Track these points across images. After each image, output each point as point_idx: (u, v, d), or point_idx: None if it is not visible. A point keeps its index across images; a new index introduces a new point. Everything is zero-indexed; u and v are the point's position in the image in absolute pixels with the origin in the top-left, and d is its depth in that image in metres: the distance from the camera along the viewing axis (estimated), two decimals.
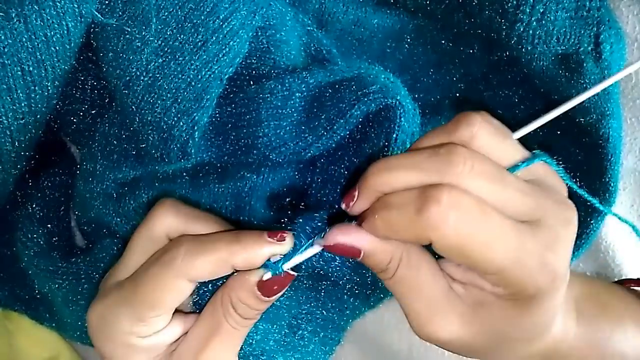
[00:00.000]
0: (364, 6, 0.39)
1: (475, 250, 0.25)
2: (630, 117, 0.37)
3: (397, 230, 0.26)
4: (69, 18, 0.31)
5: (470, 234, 0.25)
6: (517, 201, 0.27)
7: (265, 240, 0.30)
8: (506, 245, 0.25)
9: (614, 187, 0.35)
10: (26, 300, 0.42)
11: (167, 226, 0.32)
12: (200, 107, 0.32)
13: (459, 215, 0.25)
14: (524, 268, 0.26)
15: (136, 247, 0.33)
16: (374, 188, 0.28)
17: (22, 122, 0.32)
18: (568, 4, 0.34)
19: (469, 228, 0.25)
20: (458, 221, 0.25)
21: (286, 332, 0.37)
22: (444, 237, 0.25)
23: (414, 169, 0.27)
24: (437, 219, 0.25)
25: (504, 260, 0.25)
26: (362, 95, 0.31)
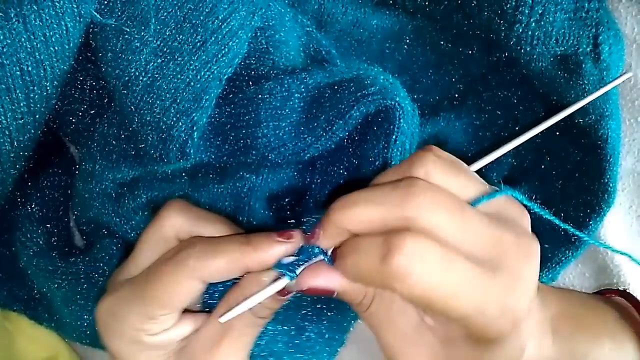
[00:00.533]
0: (363, 7, 0.39)
1: (439, 301, 0.25)
2: (629, 118, 0.37)
3: (364, 276, 0.27)
4: (68, 18, 0.31)
5: (434, 285, 0.25)
6: (477, 237, 0.27)
7: (275, 241, 0.30)
8: (469, 294, 0.26)
9: (613, 188, 0.35)
10: (25, 300, 0.42)
11: (176, 227, 0.32)
12: (199, 107, 0.32)
13: (423, 267, 0.25)
14: (485, 316, 0.26)
15: (146, 246, 0.33)
16: (336, 224, 0.28)
17: (21, 122, 0.32)
18: (567, 5, 0.34)
19: (433, 279, 0.25)
20: (422, 273, 0.25)
21: (294, 333, 0.37)
22: (408, 288, 0.25)
23: (374, 204, 0.27)
24: (402, 270, 0.25)
25: (466, 309, 0.26)
26: (362, 96, 0.31)
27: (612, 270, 0.39)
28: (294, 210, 0.38)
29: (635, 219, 0.39)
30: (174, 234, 0.33)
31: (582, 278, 0.40)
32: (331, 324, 0.38)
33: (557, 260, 0.37)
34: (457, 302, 0.26)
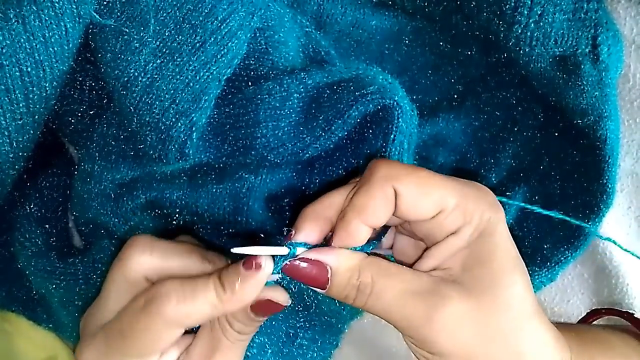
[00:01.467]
0: (362, 8, 0.39)
1: (434, 185, 0.28)
2: (627, 119, 0.37)
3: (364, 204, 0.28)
4: (67, 19, 0.31)
5: (423, 176, 0.28)
6: None
7: (245, 276, 0.28)
8: (451, 182, 0.28)
9: (612, 189, 0.35)
10: (24, 301, 0.42)
11: (143, 267, 0.30)
12: (198, 107, 0.32)
13: (403, 163, 0.29)
14: (473, 197, 0.28)
15: (113, 289, 0.31)
16: (307, 216, 0.29)
17: (21, 122, 0.32)
18: (566, 6, 0.34)
19: (418, 171, 0.28)
20: (404, 166, 0.29)
21: (284, 341, 0.37)
22: (403, 178, 0.28)
23: (336, 191, 0.30)
24: (390, 166, 0.28)
25: (456, 193, 0.28)
26: (360, 96, 0.32)
27: (610, 270, 0.39)
28: (292, 210, 0.38)
29: (634, 220, 0.39)
30: (142, 275, 0.31)
31: (581, 279, 0.40)
32: (324, 329, 0.38)
33: (556, 261, 0.37)
34: (447, 183, 0.28)
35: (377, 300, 0.28)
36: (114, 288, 0.31)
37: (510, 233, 0.29)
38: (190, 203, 0.37)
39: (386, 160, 0.29)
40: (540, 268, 0.36)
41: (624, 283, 0.39)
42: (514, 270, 0.28)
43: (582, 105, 0.34)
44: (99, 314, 0.31)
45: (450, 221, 0.28)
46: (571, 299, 0.41)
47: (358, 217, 0.28)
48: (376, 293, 0.28)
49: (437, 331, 0.27)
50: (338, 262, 0.28)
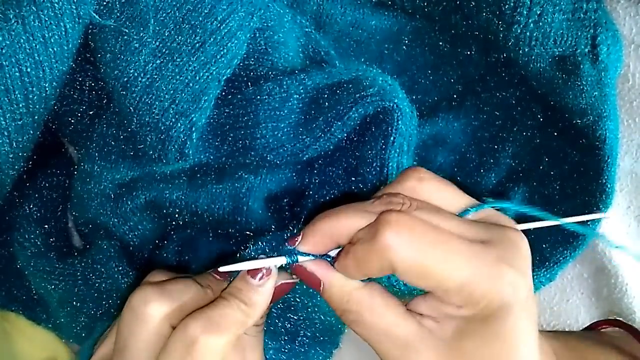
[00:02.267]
0: (361, 8, 0.39)
1: (434, 268, 0.26)
2: (626, 118, 0.37)
3: (363, 261, 0.27)
4: (66, 19, 0.31)
5: (427, 251, 0.26)
6: (460, 226, 0.27)
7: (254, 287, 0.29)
8: (462, 258, 0.26)
9: (611, 189, 0.35)
10: (23, 301, 0.42)
11: (165, 315, 0.29)
12: (198, 108, 0.32)
13: (412, 233, 0.26)
14: (483, 280, 0.26)
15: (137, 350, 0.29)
16: (317, 230, 0.29)
17: (20, 122, 0.32)
18: (565, 6, 0.34)
19: (424, 244, 0.26)
20: (412, 239, 0.26)
21: (285, 339, 0.37)
22: (401, 257, 0.26)
23: (356, 213, 0.28)
24: (391, 239, 0.26)
25: (463, 274, 0.26)
26: (360, 97, 0.32)
27: (610, 270, 0.39)
28: (292, 211, 0.38)
29: (634, 219, 0.39)
30: (168, 324, 0.29)
31: (580, 279, 0.40)
32: (325, 327, 0.38)
33: (555, 261, 0.37)
34: (452, 267, 0.26)
35: (358, 328, 0.29)
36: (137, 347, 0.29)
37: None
38: (190, 203, 0.37)
39: (400, 216, 0.26)
40: (539, 268, 0.36)
41: (623, 283, 0.39)
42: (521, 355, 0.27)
43: (582, 105, 0.34)
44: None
45: (452, 300, 0.27)
46: (570, 299, 0.41)
47: (356, 268, 0.28)
48: (359, 321, 0.29)
49: None
50: (331, 284, 0.29)
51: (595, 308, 0.40)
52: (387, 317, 0.28)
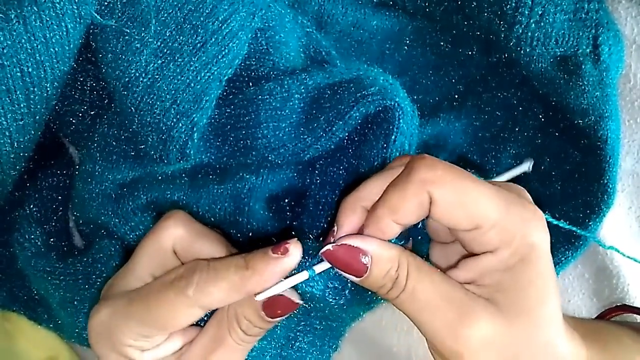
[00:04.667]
0: (363, 8, 0.39)
1: (472, 199, 0.26)
2: (628, 119, 0.37)
3: (398, 204, 0.27)
4: (68, 19, 0.31)
5: (465, 187, 0.26)
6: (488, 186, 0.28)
7: (271, 258, 0.28)
8: (496, 193, 0.27)
9: (613, 189, 0.35)
10: (24, 301, 0.42)
11: (176, 238, 0.32)
12: (199, 108, 0.32)
13: (447, 167, 0.27)
14: (516, 215, 0.27)
15: (144, 254, 0.32)
16: (349, 208, 0.29)
17: (21, 123, 0.32)
18: (566, 6, 0.34)
19: (463, 181, 0.27)
20: (448, 171, 0.27)
21: (283, 345, 0.37)
22: (441, 188, 0.26)
23: (381, 176, 0.29)
24: (428, 172, 0.26)
25: (499, 207, 0.27)
26: (361, 97, 0.32)
27: (611, 271, 0.39)
28: (293, 211, 0.38)
29: (635, 220, 0.39)
30: (172, 246, 0.32)
31: (581, 279, 0.40)
32: (324, 332, 0.38)
33: (556, 261, 0.37)
34: (488, 202, 0.26)
35: (409, 297, 0.28)
36: (144, 254, 0.32)
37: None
38: (191, 203, 0.37)
39: (429, 159, 0.27)
40: None
41: (624, 283, 0.39)
42: (550, 297, 0.28)
43: (583, 106, 0.34)
44: (125, 280, 0.32)
45: (488, 239, 0.27)
46: (572, 299, 0.41)
47: (389, 215, 0.27)
48: (410, 290, 0.28)
49: (462, 347, 0.27)
50: (380, 251, 0.28)
51: (596, 309, 0.40)
52: (437, 280, 0.28)
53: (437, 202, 0.26)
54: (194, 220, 0.33)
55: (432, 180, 0.26)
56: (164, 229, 0.32)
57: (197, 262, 0.30)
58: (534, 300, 0.27)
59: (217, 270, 0.29)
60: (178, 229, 0.32)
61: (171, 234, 0.32)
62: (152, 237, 0.32)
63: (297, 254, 0.28)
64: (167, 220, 0.32)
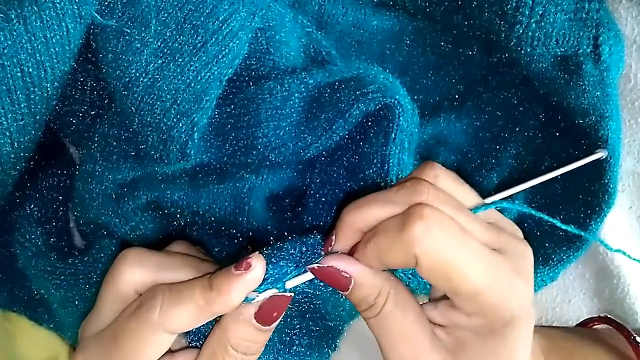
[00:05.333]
0: (363, 8, 0.39)
1: (455, 269, 0.26)
2: (628, 119, 0.37)
3: (386, 252, 0.27)
4: (68, 19, 0.31)
5: (452, 251, 0.26)
6: (481, 230, 0.28)
7: (234, 276, 0.28)
8: (483, 265, 0.26)
9: (613, 189, 0.35)
10: (25, 301, 0.42)
11: (134, 282, 0.30)
12: (199, 108, 0.32)
13: (441, 230, 0.26)
14: (498, 290, 0.26)
15: (105, 302, 0.31)
16: (349, 225, 0.29)
17: (22, 123, 0.32)
18: (567, 6, 0.34)
19: (451, 244, 0.26)
20: (440, 236, 0.26)
21: (279, 349, 0.36)
22: (427, 252, 0.26)
23: (384, 203, 0.28)
24: (421, 233, 0.26)
25: (481, 280, 0.26)
26: (361, 94, 0.32)
27: (612, 271, 0.39)
28: (294, 210, 0.38)
29: (635, 220, 0.39)
30: (133, 290, 0.30)
31: (582, 279, 0.40)
32: (321, 333, 0.38)
33: (557, 260, 0.37)
34: (472, 272, 0.26)
35: (378, 323, 0.29)
36: (107, 300, 0.31)
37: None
38: (192, 203, 0.37)
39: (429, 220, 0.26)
40: (541, 267, 0.36)
41: (625, 283, 0.39)
42: None
43: (584, 105, 0.34)
44: (94, 323, 0.31)
45: (464, 305, 0.27)
46: (572, 299, 0.41)
47: (376, 258, 0.28)
48: (381, 318, 0.29)
49: None
50: (363, 278, 0.29)
51: (597, 309, 0.40)
52: (409, 316, 0.28)
53: (420, 264, 0.26)
54: (148, 253, 0.31)
55: (422, 242, 0.26)
56: (118, 274, 0.30)
57: (156, 287, 0.29)
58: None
59: (181, 292, 0.28)
60: (134, 273, 0.30)
61: (127, 279, 0.30)
62: (109, 285, 0.31)
63: (260, 267, 0.28)
64: (119, 265, 0.30)
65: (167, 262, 0.31)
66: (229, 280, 0.28)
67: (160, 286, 0.29)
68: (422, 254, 0.26)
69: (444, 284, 0.27)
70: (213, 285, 0.28)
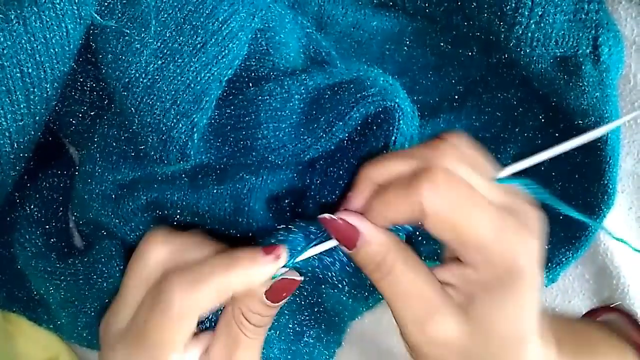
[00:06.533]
0: (363, 8, 0.39)
1: (461, 223, 0.27)
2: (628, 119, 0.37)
3: (394, 205, 0.28)
4: (68, 20, 0.31)
5: (458, 206, 0.27)
6: (492, 191, 0.29)
7: (261, 259, 0.30)
8: (489, 220, 0.27)
9: (613, 190, 0.35)
10: (24, 301, 0.42)
11: (161, 261, 0.31)
12: (199, 108, 0.32)
13: (449, 187, 0.27)
14: (506, 244, 0.27)
15: (131, 288, 0.31)
16: (368, 178, 0.30)
17: (21, 123, 0.32)
18: (566, 7, 0.34)
19: (458, 199, 0.27)
20: (448, 191, 0.27)
21: (292, 339, 0.37)
22: (434, 206, 0.27)
23: (404, 158, 0.29)
24: (428, 189, 0.27)
25: (487, 232, 0.27)
26: (361, 97, 0.32)
27: (611, 271, 0.39)
28: (293, 211, 0.38)
29: (635, 221, 0.39)
30: (162, 268, 0.31)
31: (582, 279, 0.40)
32: (328, 327, 0.38)
33: (557, 262, 0.37)
34: (479, 226, 0.27)
35: (389, 283, 0.29)
36: (132, 285, 0.31)
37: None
38: (191, 204, 0.37)
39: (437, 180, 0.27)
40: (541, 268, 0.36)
41: (625, 284, 0.39)
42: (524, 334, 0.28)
43: (583, 106, 0.34)
44: (119, 316, 0.32)
45: (471, 258, 0.28)
46: (572, 300, 0.41)
47: (384, 211, 0.29)
48: (391, 278, 0.29)
49: (424, 342, 0.28)
50: (372, 235, 0.29)
51: None
52: (420, 274, 0.29)
53: (427, 217, 0.27)
54: (173, 233, 0.32)
55: (429, 198, 0.27)
56: (146, 254, 0.31)
57: (169, 275, 0.30)
58: (503, 328, 0.28)
59: (201, 274, 0.29)
60: (160, 250, 0.31)
61: (155, 259, 0.31)
62: (137, 266, 0.31)
63: (284, 259, 0.30)
64: (145, 246, 0.31)
65: (191, 241, 0.32)
66: (254, 260, 0.29)
67: (177, 272, 0.30)
68: (428, 204, 0.27)
69: (451, 235, 0.27)
70: (236, 263, 0.29)
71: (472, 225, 0.27)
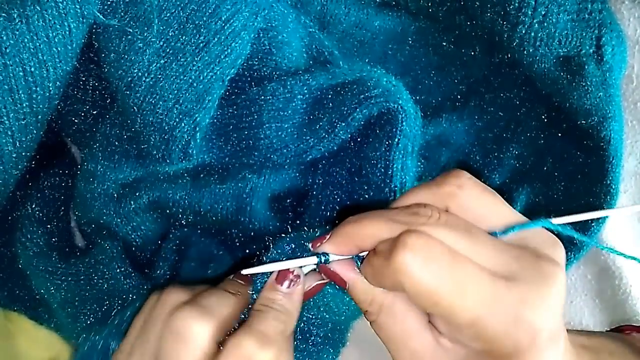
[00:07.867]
0: (365, 8, 0.39)
1: (445, 298, 0.24)
2: (631, 119, 0.37)
3: (378, 276, 0.27)
4: (71, 19, 0.31)
5: (440, 279, 0.24)
6: (489, 255, 0.26)
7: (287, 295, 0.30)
8: (478, 294, 0.24)
9: (615, 190, 0.35)
10: (26, 301, 0.42)
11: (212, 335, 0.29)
12: (202, 108, 0.32)
13: (427, 259, 0.24)
14: (498, 321, 0.24)
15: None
16: (345, 234, 0.28)
17: (24, 122, 0.32)
18: (570, 7, 0.34)
19: (438, 273, 0.24)
20: (426, 265, 0.24)
21: (300, 339, 0.37)
22: (412, 281, 0.25)
23: (382, 220, 0.27)
24: (405, 262, 0.24)
25: (476, 310, 0.24)
26: (365, 98, 0.31)
27: (613, 272, 0.39)
28: (295, 211, 0.38)
29: (637, 221, 0.39)
30: (215, 343, 0.29)
31: (584, 280, 0.40)
32: (334, 326, 0.38)
33: None
34: (465, 301, 0.24)
35: (377, 330, 0.29)
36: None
37: None
38: (193, 203, 0.37)
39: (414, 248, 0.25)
40: None
41: (627, 284, 0.39)
42: None
43: (586, 106, 0.34)
44: None
45: (461, 332, 0.26)
46: (574, 300, 0.41)
47: (373, 279, 0.28)
48: (378, 325, 0.29)
49: None
50: (354, 285, 0.29)
51: (599, 310, 0.40)
52: (406, 325, 0.28)
53: (408, 293, 0.25)
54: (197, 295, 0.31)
55: (407, 272, 0.25)
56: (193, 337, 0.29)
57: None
58: None
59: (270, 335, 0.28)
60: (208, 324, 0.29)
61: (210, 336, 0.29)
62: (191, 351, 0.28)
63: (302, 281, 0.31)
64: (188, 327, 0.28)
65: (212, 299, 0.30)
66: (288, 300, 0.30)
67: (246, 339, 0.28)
68: (407, 283, 0.25)
69: (437, 312, 0.26)
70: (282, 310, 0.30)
71: (457, 303, 0.24)
